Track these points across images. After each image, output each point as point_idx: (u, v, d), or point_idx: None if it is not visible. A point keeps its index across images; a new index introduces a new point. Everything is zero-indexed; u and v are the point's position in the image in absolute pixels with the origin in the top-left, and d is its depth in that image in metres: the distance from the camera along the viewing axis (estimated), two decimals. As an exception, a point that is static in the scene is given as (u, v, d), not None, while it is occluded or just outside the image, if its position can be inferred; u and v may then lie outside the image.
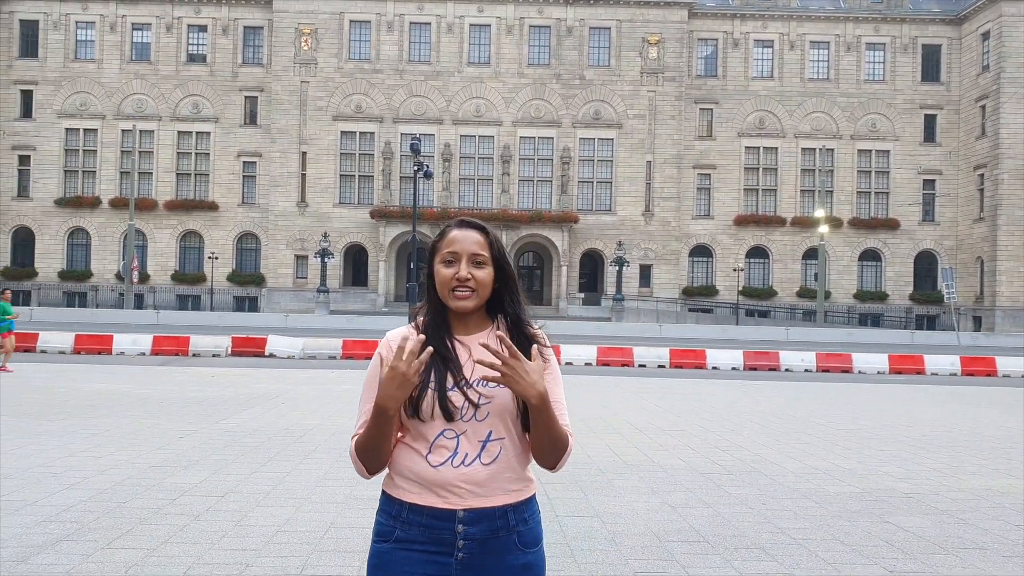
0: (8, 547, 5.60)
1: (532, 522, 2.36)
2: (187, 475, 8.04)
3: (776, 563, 5.67)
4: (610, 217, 59.79)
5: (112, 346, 26.02)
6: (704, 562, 5.64)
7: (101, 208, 60.51)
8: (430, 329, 2.34)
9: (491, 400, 2.27)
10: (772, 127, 61.24)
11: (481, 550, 2.27)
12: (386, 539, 2.31)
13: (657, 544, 6.06)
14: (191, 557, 5.50)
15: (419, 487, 2.28)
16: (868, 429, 12.60)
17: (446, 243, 2.37)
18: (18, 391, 14.74)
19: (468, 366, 2.30)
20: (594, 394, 16.82)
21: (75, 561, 5.34)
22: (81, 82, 60.55)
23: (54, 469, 8.13)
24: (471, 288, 2.32)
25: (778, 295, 60.99)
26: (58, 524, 6.20)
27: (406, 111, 59.18)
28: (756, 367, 26.27)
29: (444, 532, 2.27)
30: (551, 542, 6.01)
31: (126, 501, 6.94)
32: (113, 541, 5.81)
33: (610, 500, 7.42)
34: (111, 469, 8.20)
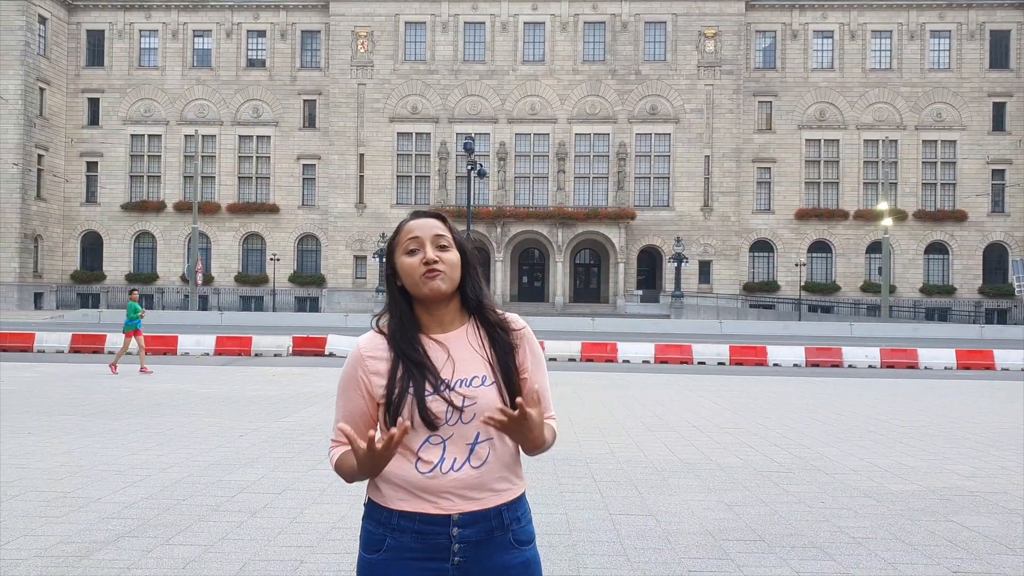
0: (72, 543, 5.74)
1: (524, 520, 2.28)
2: (246, 472, 8.17)
3: (834, 563, 5.54)
4: (668, 213, 59.32)
5: (177, 347, 26.57)
6: (760, 561, 5.55)
7: (166, 212, 61.95)
8: (398, 332, 2.24)
9: (476, 401, 2.18)
10: (833, 119, 60.13)
11: (477, 552, 2.19)
12: (377, 548, 2.21)
13: (712, 543, 5.98)
14: (247, 554, 5.58)
15: (408, 494, 2.19)
16: (933, 426, 12.29)
17: (404, 233, 2.27)
18: (86, 391, 15.15)
19: (448, 367, 2.21)
20: (651, 392, 16.70)
21: (135, 557, 5.45)
22: (145, 89, 62.05)
23: (118, 467, 8.33)
24: (440, 270, 2.21)
25: (841, 290, 59.89)
26: (120, 520, 6.34)
27: (461, 111, 59.45)
28: (818, 363, 25.80)
29: (439, 537, 2.18)
30: (604, 540, 5.98)
31: (186, 498, 7.08)
32: (172, 537, 5.92)
33: (665, 498, 7.34)
34: (172, 467, 8.37)
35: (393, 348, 2.22)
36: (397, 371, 2.20)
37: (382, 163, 59.63)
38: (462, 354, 2.22)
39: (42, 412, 12.21)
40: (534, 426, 2.13)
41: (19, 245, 58.47)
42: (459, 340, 2.24)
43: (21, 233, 58.52)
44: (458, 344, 2.23)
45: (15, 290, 58.40)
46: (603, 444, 10.17)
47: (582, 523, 6.45)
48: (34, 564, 5.28)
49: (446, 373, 2.19)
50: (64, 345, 26.57)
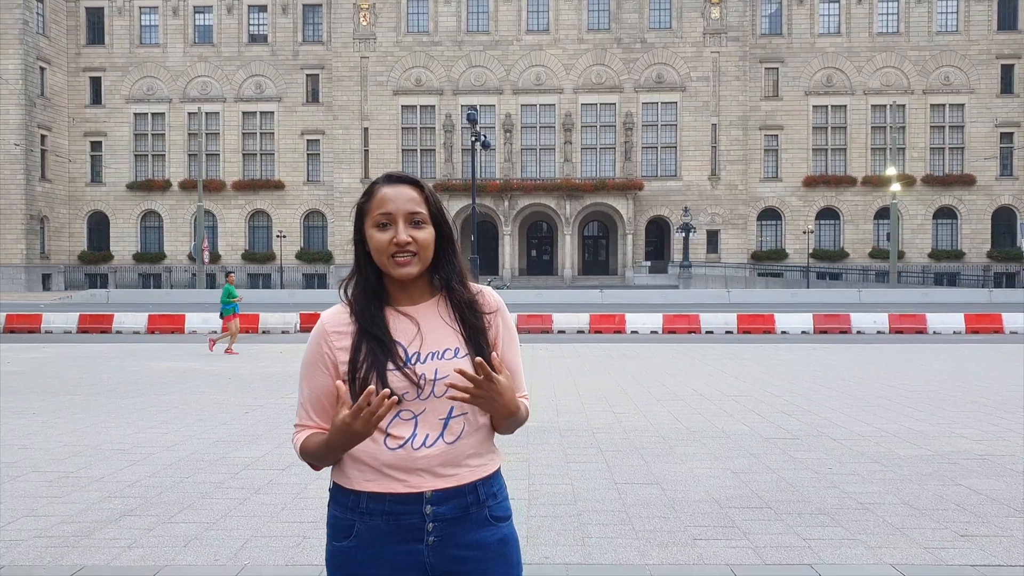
0: (73, 523, 5.72)
1: (501, 495, 2.16)
2: (250, 449, 8.15)
3: (842, 528, 5.49)
4: (675, 183, 59.01)
5: (184, 325, 26.60)
6: (766, 528, 5.49)
7: (171, 191, 61.92)
8: (361, 304, 2.10)
9: (448, 374, 2.03)
10: (840, 84, 59.58)
11: (453, 530, 2.07)
12: (346, 535, 2.08)
13: (718, 511, 5.92)
14: (249, 531, 5.54)
15: (376, 474, 2.05)
16: (941, 390, 12.20)
17: (376, 203, 2.08)
18: (93, 371, 15.16)
19: (417, 340, 2.08)
20: (659, 362, 16.64)
21: (136, 536, 5.42)
22: (147, 67, 61.81)
23: (122, 446, 8.31)
24: (412, 252, 2.06)
25: (850, 256, 59.64)
26: (122, 499, 6.32)
27: (466, 82, 59.08)
28: (826, 330, 25.70)
29: (411, 517, 2.05)
30: (609, 509, 5.94)
31: (189, 476, 7.05)
32: (174, 515, 5.89)
33: (671, 467, 7.29)
34: (176, 445, 8.35)
35: (357, 324, 2.09)
36: (361, 346, 2.06)
37: (387, 137, 59.38)
38: (432, 327, 2.10)
39: (47, 392, 12.21)
40: (503, 391, 2.00)
41: (25, 226, 58.54)
42: (429, 312, 2.12)
43: (27, 214, 58.56)
44: (428, 317, 2.11)
45: (23, 271, 58.55)
46: (610, 414, 10.12)
47: (587, 493, 6.40)
48: (34, 544, 5.25)
49: (414, 347, 2.07)
50: (72, 326, 26.62)
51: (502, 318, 2.18)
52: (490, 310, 2.15)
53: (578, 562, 4.87)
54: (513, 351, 2.18)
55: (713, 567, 4.77)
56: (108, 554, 5.08)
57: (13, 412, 10.37)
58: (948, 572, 4.69)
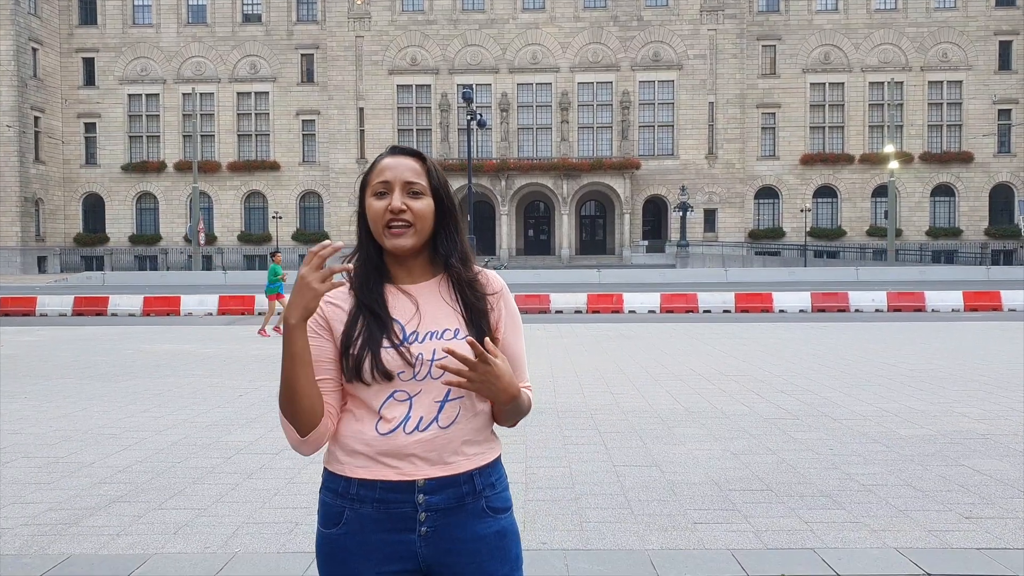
0: (61, 510, 5.61)
1: (500, 486, 2.06)
2: (243, 433, 8.04)
3: (843, 511, 5.39)
4: (672, 161, 58.77)
5: (180, 307, 26.49)
6: (767, 511, 5.39)
7: (166, 172, 61.60)
8: (361, 278, 2.04)
9: (446, 355, 1.94)
10: (838, 62, 59.25)
11: (447, 521, 1.97)
12: (335, 522, 1.99)
13: (718, 493, 5.83)
14: (241, 517, 5.44)
15: (367, 460, 1.96)
16: (942, 369, 12.12)
17: (376, 172, 2.02)
18: (87, 354, 15.04)
19: (416, 319, 1.99)
20: (657, 341, 16.55)
21: (126, 523, 5.32)
22: (141, 47, 61.32)
23: (113, 430, 8.20)
24: (407, 221, 1.98)
25: (847, 235, 59.52)
26: (112, 485, 6.21)
27: (461, 61, 58.68)
28: (824, 309, 25.62)
29: (403, 506, 1.96)
30: (608, 493, 5.84)
31: (181, 461, 6.94)
32: (165, 502, 5.79)
33: (670, 449, 7.19)
34: (169, 429, 8.24)
35: (356, 299, 2.02)
36: (358, 320, 1.98)
37: (382, 117, 59.04)
38: (432, 306, 2.02)
39: (40, 376, 12.10)
40: (501, 374, 1.89)
41: (20, 209, 58.24)
42: (429, 291, 2.04)
43: (21, 197, 58.24)
44: (428, 295, 2.03)
45: (18, 254, 58.31)
46: (608, 395, 10.03)
47: (586, 476, 6.30)
48: (20, 533, 5.15)
49: (412, 325, 1.98)
50: (67, 308, 26.49)
51: (504, 301, 2.08)
52: (492, 291, 2.07)
53: (576, 547, 4.77)
54: (516, 336, 2.10)
55: (714, 552, 4.68)
56: (96, 542, 4.98)
57: (5, 396, 10.26)
58: (953, 556, 4.59)
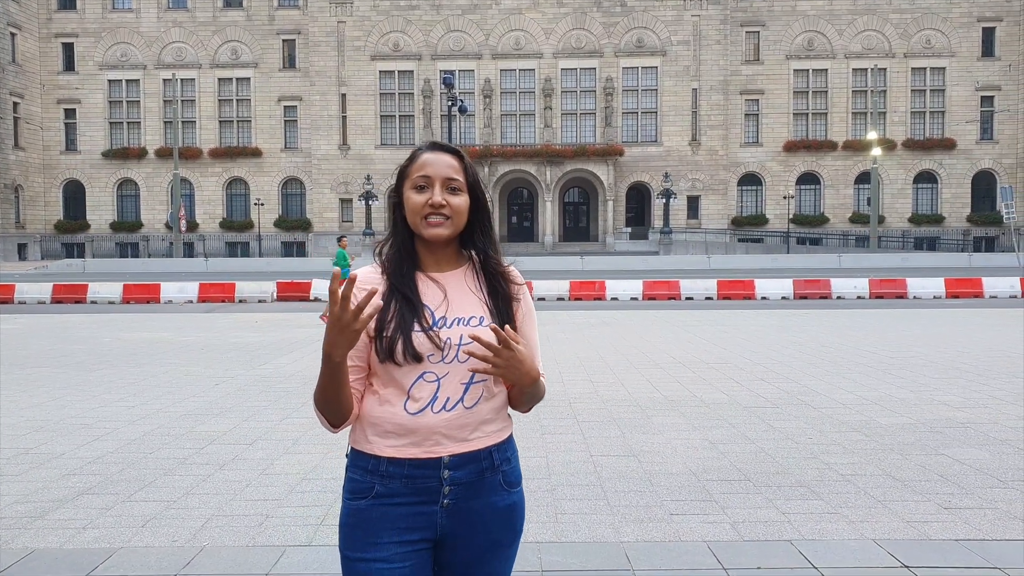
0: (27, 502, 5.50)
1: (514, 460, 2.22)
2: (217, 423, 7.93)
3: (822, 501, 5.34)
4: (656, 148, 58.69)
5: (160, 295, 26.27)
6: (744, 502, 5.34)
7: (148, 159, 61.03)
8: (394, 264, 2.15)
9: (472, 341, 2.05)
10: (822, 48, 59.24)
11: (467, 494, 2.12)
12: (363, 495, 2.11)
13: (695, 483, 5.77)
14: (211, 509, 5.34)
15: (396, 438, 2.08)
16: (923, 356, 12.12)
17: (417, 166, 2.14)
18: (63, 342, 14.86)
19: (444, 306, 2.12)
20: (638, 329, 16.51)
21: (92, 516, 5.21)
22: (120, 32, 60.63)
23: (86, 420, 8.07)
24: (445, 215, 2.10)
25: (830, 222, 59.67)
26: (81, 477, 6.10)
27: (444, 47, 58.33)
28: (807, 296, 25.67)
29: (429, 480, 2.09)
30: (584, 483, 5.78)
31: (152, 451, 6.83)
32: (134, 494, 5.68)
33: (648, 438, 7.13)
34: (142, 419, 8.12)
35: (388, 281, 2.13)
36: (391, 304, 2.10)
37: (365, 103, 58.65)
38: (459, 294, 2.15)
39: (15, 365, 11.93)
40: (523, 359, 2.00)
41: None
42: (456, 280, 2.17)
43: (0, 183, 57.57)
44: (455, 284, 2.16)
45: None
46: (587, 383, 9.96)
47: (562, 466, 6.23)
48: (-15, 526, 5.03)
49: (441, 311, 2.11)
50: (46, 296, 26.22)
51: (524, 293, 2.24)
52: (520, 282, 2.23)
53: (550, 540, 4.70)
54: (532, 327, 2.23)
55: (690, 544, 4.62)
56: (62, 536, 4.87)
57: (-24, 386, 10.10)
58: (931, 547, 4.55)
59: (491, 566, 2.19)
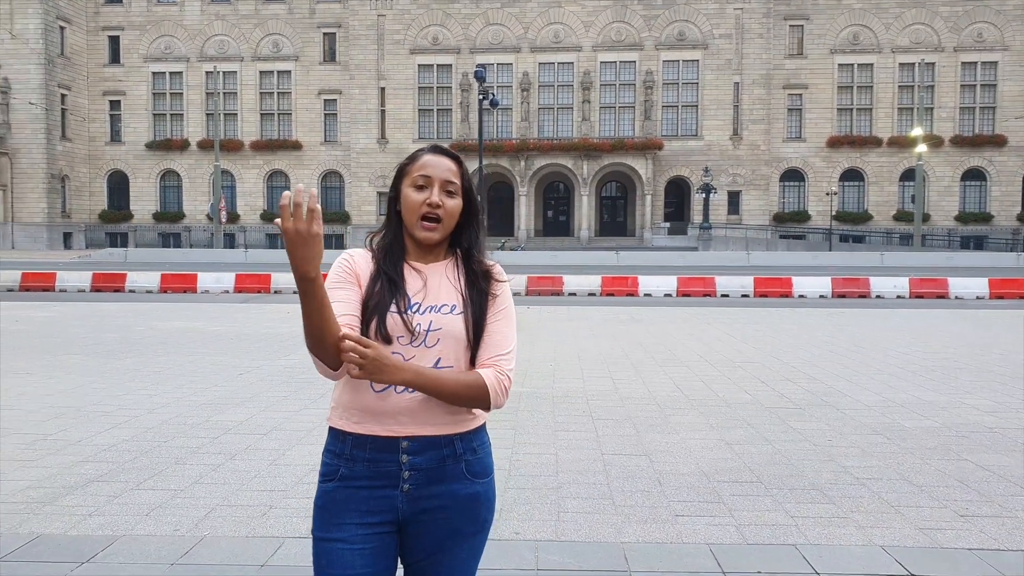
0: (40, 488, 5.56)
1: (482, 451, 2.28)
2: (235, 413, 7.97)
3: (833, 505, 5.22)
4: (696, 142, 58.17)
5: (197, 285, 26.54)
6: (753, 505, 5.23)
7: (190, 150, 61.82)
8: (385, 252, 2.28)
9: (441, 327, 2.19)
10: (867, 42, 58.25)
11: (427, 480, 2.20)
12: (331, 478, 2.23)
13: (705, 484, 5.67)
14: (216, 499, 5.36)
15: (360, 414, 2.20)
16: (957, 358, 11.84)
17: (418, 166, 2.27)
18: (97, 330, 15.07)
19: (421, 293, 2.23)
20: (668, 326, 16.35)
21: (100, 503, 5.25)
22: (165, 25, 61.41)
23: (107, 407, 8.16)
24: (438, 217, 2.23)
25: (874, 219, 58.73)
26: (95, 464, 6.15)
27: (483, 41, 58.28)
28: (845, 294, 25.26)
29: (389, 464, 2.19)
30: (591, 482, 5.70)
31: (167, 440, 6.88)
32: (144, 482, 5.72)
33: (663, 437, 7.04)
34: (162, 407, 8.19)
35: (376, 265, 2.26)
36: (376, 284, 2.22)
37: (403, 97, 58.83)
38: (437, 283, 2.25)
39: (47, 351, 12.11)
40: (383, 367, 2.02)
41: (47, 185, 58.70)
42: (437, 271, 2.28)
43: (48, 173, 58.69)
44: (435, 274, 2.27)
45: (44, 230, 58.83)
46: (608, 380, 9.87)
47: (571, 464, 6.16)
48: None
49: (418, 298, 2.22)
50: (86, 284, 26.62)
51: (505, 290, 2.31)
52: (502, 279, 2.33)
53: (548, 538, 4.64)
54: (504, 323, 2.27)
55: (691, 546, 4.53)
56: (68, 522, 4.91)
57: (9, 372, 10.27)
58: (942, 556, 4.41)
59: (453, 555, 2.25)
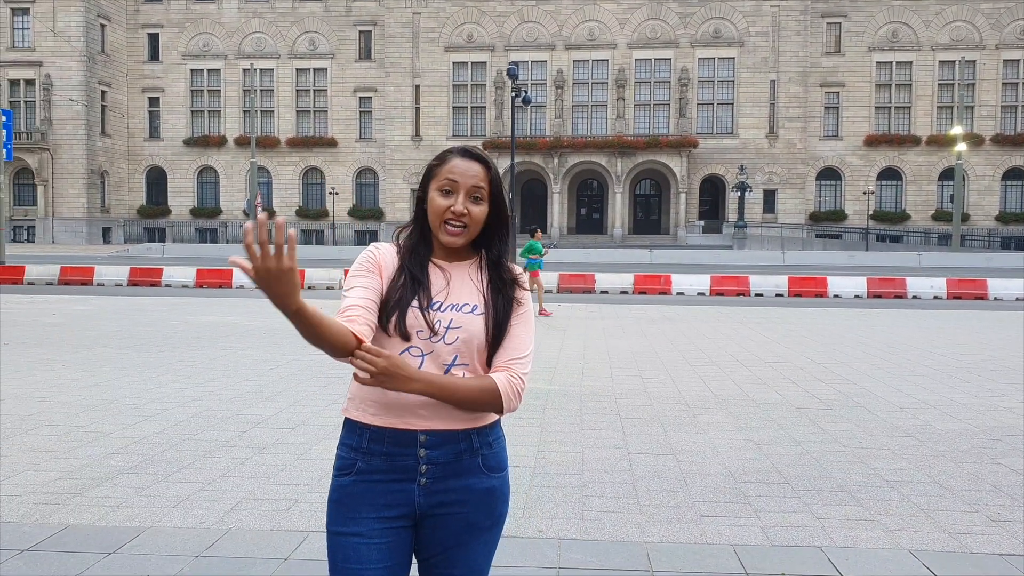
0: (70, 479, 5.63)
1: (497, 446, 2.28)
2: (265, 407, 8.03)
3: (861, 508, 5.15)
4: (731, 140, 57.75)
5: (232, 280, 26.82)
6: (780, 506, 5.17)
7: (227, 147, 62.47)
8: (411, 251, 2.26)
9: (461, 326, 2.18)
10: (906, 39, 57.45)
11: (444, 474, 2.20)
12: (347, 472, 2.22)
13: (732, 485, 5.62)
14: (243, 492, 5.40)
15: (377, 407, 2.18)
16: (994, 361, 11.64)
17: (446, 170, 2.23)
18: (132, 324, 15.28)
19: (444, 292, 2.22)
20: (700, 325, 16.25)
21: (128, 495, 5.32)
22: (203, 23, 62.10)
23: (139, 400, 8.26)
24: (464, 224, 2.21)
25: (911, 219, 57.95)
26: (124, 456, 6.23)
27: (517, 38, 58.27)
28: (881, 295, 24.95)
29: (407, 459, 2.18)
30: (616, 481, 5.67)
31: (197, 433, 6.95)
32: (172, 474, 5.78)
33: (691, 437, 6.98)
34: (193, 401, 8.28)
35: (401, 262, 2.24)
36: (399, 280, 2.21)
37: (438, 94, 58.99)
38: (461, 284, 2.25)
39: (82, 345, 12.30)
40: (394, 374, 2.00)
41: (86, 181, 59.63)
42: (462, 271, 2.27)
43: (88, 169, 59.61)
44: (459, 275, 2.26)
45: (84, 225, 59.77)
46: (637, 379, 9.82)
47: (596, 462, 6.14)
48: (26, 501, 5.17)
49: (440, 296, 2.21)
50: (123, 278, 27.02)
51: (527, 298, 2.33)
52: (526, 288, 2.33)
53: (572, 537, 4.62)
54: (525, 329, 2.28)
55: (715, 547, 4.49)
56: (96, 513, 4.98)
57: (43, 364, 10.44)
58: (970, 561, 4.33)
59: (469, 549, 2.24)
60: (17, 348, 11.81)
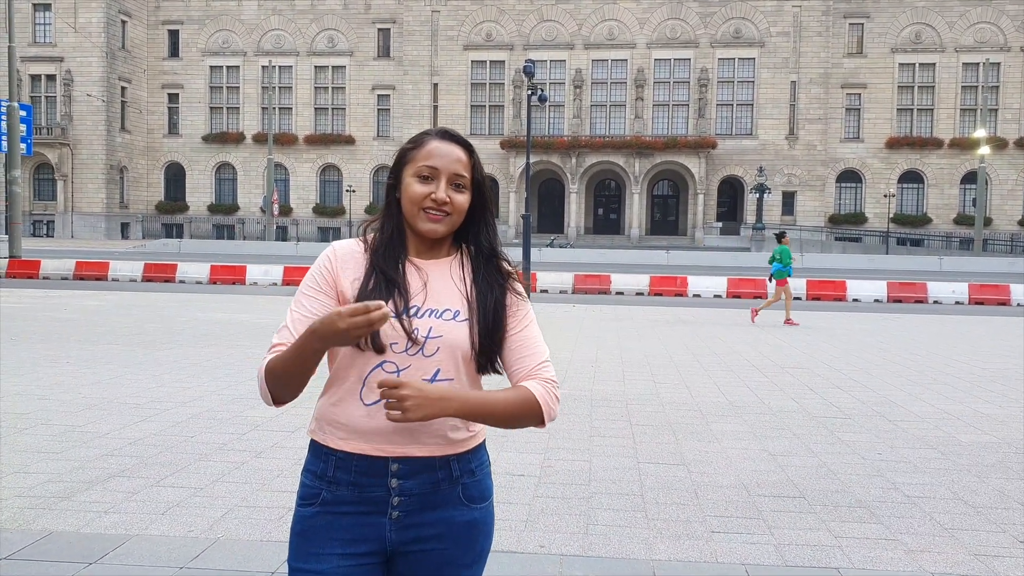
0: (60, 482, 5.46)
1: (480, 474, 2.03)
2: (265, 408, 7.83)
3: (881, 526, 4.89)
4: (751, 141, 57.28)
5: (245, 277, 26.73)
6: (795, 522, 4.93)
7: (245, 143, 62.56)
8: (383, 247, 2.00)
9: (441, 335, 1.93)
10: (930, 41, 56.79)
11: (420, 506, 1.96)
12: (311, 502, 1.99)
13: (745, 498, 5.37)
14: (236, 499, 5.20)
15: (346, 430, 1.95)
16: (1020, 369, 11.32)
17: (424, 154, 1.99)
18: (142, 321, 15.16)
19: (422, 295, 1.97)
20: (716, 328, 15.98)
21: (117, 499, 5.13)
22: (223, 20, 62.21)
23: (139, 400, 8.09)
24: (446, 212, 1.97)
25: (933, 222, 57.29)
26: (118, 458, 6.05)
27: (536, 37, 58.02)
28: (901, 299, 24.57)
29: (376, 489, 1.94)
30: (624, 492, 5.44)
31: (194, 435, 6.77)
32: (165, 478, 5.59)
33: (703, 446, 6.74)
34: (194, 400, 8.10)
35: (371, 261, 2.00)
36: (368, 284, 1.96)
37: (456, 93, 58.83)
38: (440, 285, 2.00)
39: (88, 341, 12.17)
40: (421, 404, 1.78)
41: (105, 176, 59.85)
42: (441, 270, 2.03)
43: (107, 164, 59.84)
44: (439, 274, 2.02)
45: (102, 220, 60.01)
46: (649, 384, 9.58)
47: (604, 472, 5.90)
48: (12, 504, 4.99)
49: (417, 300, 1.97)
50: (137, 274, 26.98)
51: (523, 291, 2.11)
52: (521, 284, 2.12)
53: (575, 553, 4.40)
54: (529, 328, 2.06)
55: (726, 566, 4.25)
56: (81, 519, 4.79)
57: (48, 360, 10.30)
58: (998, 586, 4.08)
59: None
60: (23, 344, 11.70)
